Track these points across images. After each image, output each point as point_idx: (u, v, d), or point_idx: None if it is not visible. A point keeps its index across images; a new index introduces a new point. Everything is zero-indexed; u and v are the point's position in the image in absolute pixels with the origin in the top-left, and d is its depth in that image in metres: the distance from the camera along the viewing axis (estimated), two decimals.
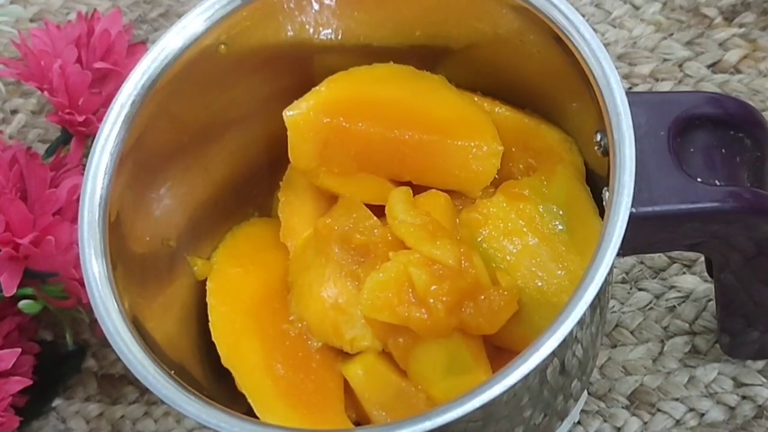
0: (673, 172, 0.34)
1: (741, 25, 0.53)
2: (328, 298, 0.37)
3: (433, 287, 0.35)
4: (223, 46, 0.38)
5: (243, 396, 0.37)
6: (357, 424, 0.38)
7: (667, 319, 0.47)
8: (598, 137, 0.36)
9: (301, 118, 0.38)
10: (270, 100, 0.39)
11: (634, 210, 0.32)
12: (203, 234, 0.41)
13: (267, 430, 0.32)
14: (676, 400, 0.45)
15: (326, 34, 0.40)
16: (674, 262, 0.48)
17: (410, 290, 0.35)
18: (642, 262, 0.48)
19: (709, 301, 0.46)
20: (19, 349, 0.45)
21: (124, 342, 0.33)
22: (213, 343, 0.38)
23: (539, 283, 0.36)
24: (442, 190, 0.39)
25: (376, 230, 0.37)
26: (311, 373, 0.38)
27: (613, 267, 0.32)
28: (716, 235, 0.36)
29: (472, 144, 0.38)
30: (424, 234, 0.36)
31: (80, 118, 0.48)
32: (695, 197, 0.34)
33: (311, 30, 0.39)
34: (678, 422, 0.45)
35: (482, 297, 0.36)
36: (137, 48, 0.51)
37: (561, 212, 0.37)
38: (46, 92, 0.49)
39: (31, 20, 0.59)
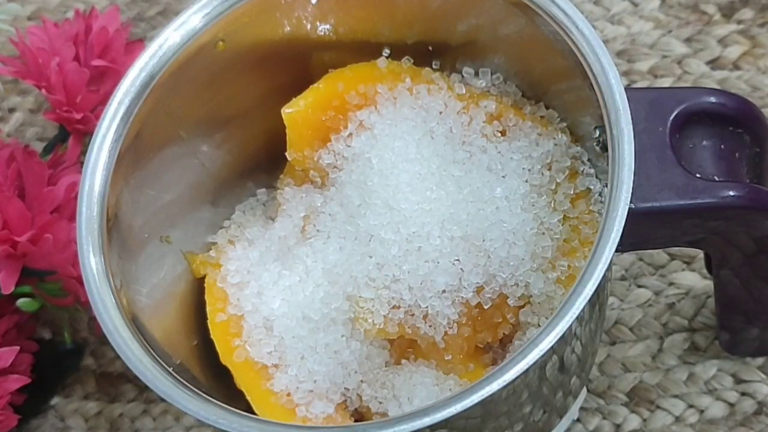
0: (672, 168, 0.34)
1: (740, 22, 0.53)
2: None
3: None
4: (221, 43, 0.38)
5: (242, 394, 0.37)
6: (357, 420, 0.38)
7: (667, 315, 0.47)
8: (597, 133, 0.36)
9: (299, 116, 0.38)
10: (268, 97, 0.39)
11: (633, 206, 0.32)
12: (201, 231, 0.41)
13: (266, 427, 0.32)
14: (676, 396, 0.45)
15: (324, 30, 0.40)
16: (674, 259, 0.48)
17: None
18: (641, 259, 0.48)
19: (709, 297, 0.46)
20: (18, 348, 0.44)
21: (122, 340, 0.33)
22: (212, 341, 0.38)
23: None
24: None
25: None
26: None
27: (612, 263, 0.32)
28: (715, 232, 0.36)
29: None
30: None
31: (78, 116, 0.48)
32: (694, 193, 0.34)
33: (309, 26, 0.39)
34: (677, 419, 0.45)
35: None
36: (135, 45, 0.51)
37: None
38: (43, 90, 0.49)
39: (29, 18, 0.59)
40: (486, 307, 0.36)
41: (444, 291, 0.36)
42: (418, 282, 0.36)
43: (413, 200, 0.36)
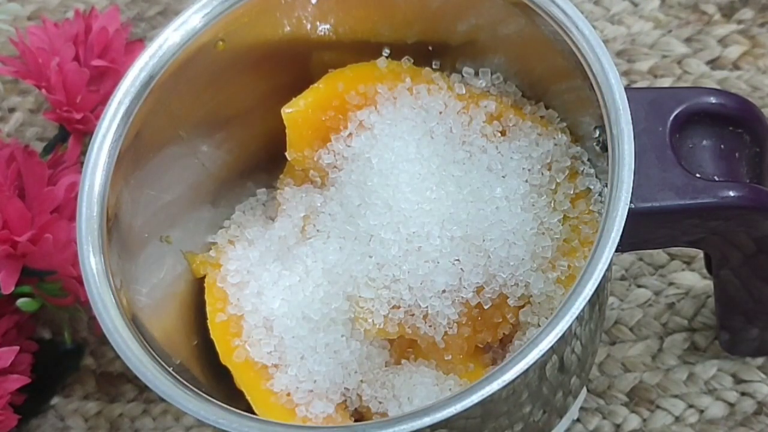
0: (672, 168, 0.34)
1: (740, 22, 0.53)
2: None
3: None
4: (221, 43, 0.38)
5: (242, 394, 0.37)
6: (357, 420, 0.38)
7: (666, 315, 0.47)
8: (597, 133, 0.36)
9: (299, 116, 0.38)
10: (268, 97, 0.39)
11: (632, 206, 0.32)
12: (201, 231, 0.41)
13: (266, 427, 0.32)
14: (676, 396, 0.45)
15: (324, 30, 0.40)
16: (674, 259, 0.48)
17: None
18: (641, 259, 0.48)
19: (709, 297, 0.46)
20: (18, 347, 0.44)
21: (122, 339, 0.33)
22: (212, 341, 0.38)
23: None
24: None
25: None
26: None
27: (612, 263, 0.32)
28: (715, 232, 0.36)
29: None
30: None
31: (78, 116, 0.48)
32: (694, 193, 0.34)
33: (309, 26, 0.39)
34: (677, 419, 0.45)
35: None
36: (135, 45, 0.51)
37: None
38: (43, 90, 0.49)
39: (29, 18, 0.59)
40: (486, 307, 0.36)
41: (444, 291, 0.36)
42: (418, 282, 0.36)
43: (413, 200, 0.36)
